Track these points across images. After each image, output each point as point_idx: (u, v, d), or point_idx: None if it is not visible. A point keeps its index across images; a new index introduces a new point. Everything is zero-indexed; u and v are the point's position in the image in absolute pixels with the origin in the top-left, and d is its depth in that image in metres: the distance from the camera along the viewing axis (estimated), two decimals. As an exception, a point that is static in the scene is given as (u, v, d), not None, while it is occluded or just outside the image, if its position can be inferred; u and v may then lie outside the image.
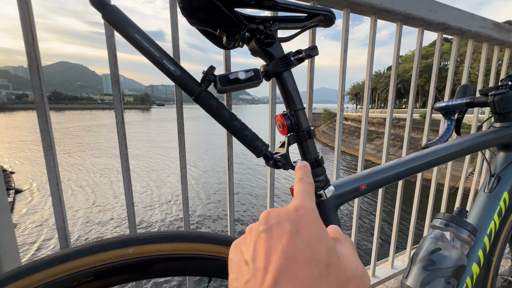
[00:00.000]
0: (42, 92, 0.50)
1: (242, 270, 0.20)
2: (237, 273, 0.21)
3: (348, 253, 0.22)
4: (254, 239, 0.21)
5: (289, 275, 0.17)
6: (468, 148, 0.68)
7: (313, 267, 0.18)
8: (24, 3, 0.46)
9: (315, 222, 0.21)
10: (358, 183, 0.52)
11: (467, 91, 0.87)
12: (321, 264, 0.19)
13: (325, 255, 0.19)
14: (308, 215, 0.21)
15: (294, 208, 0.22)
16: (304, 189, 0.26)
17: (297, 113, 0.45)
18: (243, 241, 0.22)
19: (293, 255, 0.18)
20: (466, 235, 0.60)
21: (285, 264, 0.18)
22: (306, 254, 0.19)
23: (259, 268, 0.19)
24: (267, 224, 0.21)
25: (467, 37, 1.10)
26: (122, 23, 0.37)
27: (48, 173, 0.52)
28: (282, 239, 0.19)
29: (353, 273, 0.20)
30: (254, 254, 0.20)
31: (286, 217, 0.21)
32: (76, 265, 0.33)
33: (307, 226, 0.20)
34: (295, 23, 0.46)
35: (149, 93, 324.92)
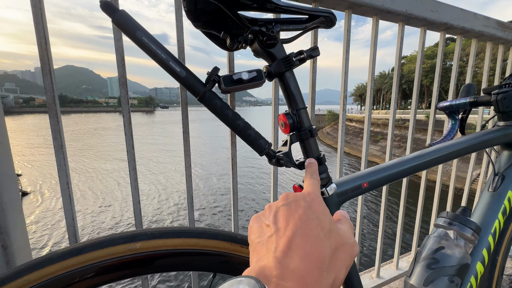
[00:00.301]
0: (54, 94, 0.52)
1: (264, 230, 0.27)
2: (259, 233, 0.27)
3: (345, 228, 0.29)
4: (274, 210, 0.28)
5: (303, 232, 0.25)
6: (471, 146, 0.68)
7: (320, 230, 0.26)
8: (38, 9, 0.49)
9: (322, 203, 0.30)
10: (360, 181, 0.53)
11: (471, 90, 0.87)
12: (326, 229, 0.26)
13: (328, 224, 0.27)
14: (317, 199, 0.30)
15: (307, 193, 0.31)
16: (313, 183, 0.36)
17: (299, 112, 0.46)
18: (262, 214, 0.30)
19: (306, 221, 0.26)
20: (469, 233, 0.60)
21: (300, 225, 0.25)
22: (315, 221, 0.26)
23: (280, 227, 0.26)
24: (286, 200, 0.29)
25: (470, 36, 1.10)
26: (131, 27, 0.38)
27: (59, 172, 0.54)
28: (298, 210, 0.27)
29: (347, 240, 0.27)
30: (275, 219, 0.27)
31: (302, 197, 0.29)
32: (87, 258, 0.35)
33: (317, 205, 0.29)
34: (296, 24, 0.48)
35: (153, 95, 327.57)
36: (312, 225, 0.25)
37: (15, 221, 0.52)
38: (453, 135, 0.86)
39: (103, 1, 0.38)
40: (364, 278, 1.20)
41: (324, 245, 0.24)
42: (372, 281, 1.18)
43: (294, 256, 0.22)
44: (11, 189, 0.51)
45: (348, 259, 0.26)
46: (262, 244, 0.25)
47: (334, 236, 0.26)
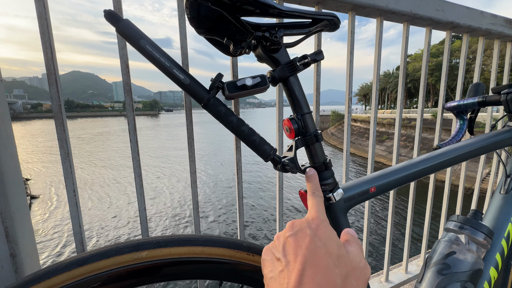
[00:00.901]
0: (60, 103, 0.52)
1: (275, 264, 0.27)
2: (271, 267, 0.27)
3: (354, 250, 0.29)
4: (282, 242, 0.28)
5: (312, 263, 0.25)
6: (482, 148, 0.66)
7: (328, 258, 0.25)
8: (43, 20, 0.49)
9: (327, 228, 0.29)
10: (367, 186, 0.52)
11: (479, 89, 0.85)
12: (334, 256, 0.26)
13: (336, 250, 0.27)
14: (322, 224, 0.29)
15: (312, 219, 0.30)
16: (317, 203, 0.35)
17: (304, 117, 0.46)
18: (273, 246, 0.30)
19: (314, 250, 0.26)
20: (482, 238, 0.58)
21: (309, 256, 0.25)
22: (323, 249, 0.26)
23: (289, 260, 0.26)
24: (292, 230, 0.29)
25: (477, 34, 1.08)
26: (134, 36, 0.39)
27: (65, 180, 0.55)
28: (305, 239, 0.27)
29: (358, 264, 0.27)
30: (284, 252, 0.27)
31: (307, 225, 0.29)
32: (93, 268, 0.35)
33: (322, 231, 0.28)
34: (300, 29, 0.47)
35: (158, 99, 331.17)
36: (320, 254, 0.25)
37: (23, 229, 0.53)
38: (462, 136, 0.84)
39: (107, 10, 0.39)
40: (372, 282, 1.18)
41: (334, 274, 0.24)
42: (381, 285, 1.16)
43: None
44: (19, 197, 0.52)
45: (360, 284, 0.26)
46: (275, 280, 0.26)
47: (343, 262, 0.26)
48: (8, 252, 0.49)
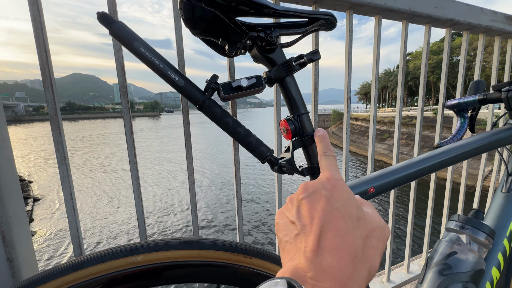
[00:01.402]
0: (55, 106, 0.52)
1: (290, 228, 0.26)
2: (286, 231, 0.26)
3: (371, 212, 0.27)
4: (296, 205, 0.27)
5: (330, 226, 0.23)
6: (483, 146, 0.66)
7: (348, 219, 0.24)
8: (38, 23, 0.49)
9: (344, 188, 0.27)
10: (366, 186, 0.51)
11: (480, 87, 0.84)
12: (354, 217, 0.24)
13: (355, 211, 0.25)
14: (339, 183, 0.27)
15: (326, 179, 0.27)
16: (330, 162, 0.32)
17: (301, 117, 0.45)
18: (285, 209, 0.28)
19: (331, 212, 0.24)
20: (483, 237, 0.57)
21: (326, 219, 0.23)
22: (341, 211, 0.24)
23: (305, 223, 0.24)
24: (306, 192, 0.27)
25: (477, 31, 1.07)
26: (128, 38, 0.38)
27: (62, 183, 0.54)
28: (320, 201, 0.25)
29: (377, 224, 0.26)
30: (298, 215, 0.25)
31: (322, 186, 0.26)
32: (89, 272, 0.34)
33: (339, 192, 0.26)
34: (296, 28, 0.47)
35: (158, 100, 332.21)
36: (338, 216, 0.24)
37: (20, 234, 0.53)
38: (463, 134, 0.83)
39: (100, 12, 0.38)
40: (374, 282, 1.17)
41: (355, 235, 0.23)
42: (382, 285, 1.15)
43: (325, 254, 0.21)
44: (16, 201, 0.52)
45: (380, 245, 0.25)
46: (291, 244, 0.24)
47: (363, 223, 0.25)
48: (5, 257, 0.49)
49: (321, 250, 0.22)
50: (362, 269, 0.22)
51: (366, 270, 0.22)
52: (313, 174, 0.48)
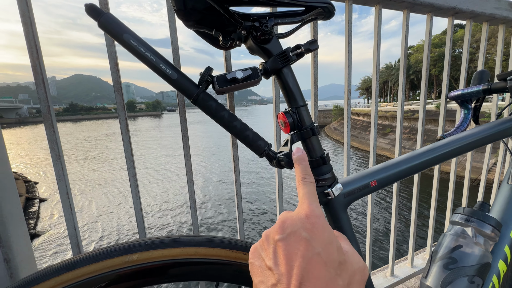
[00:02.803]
0: (48, 104, 0.51)
1: (267, 274, 0.23)
2: (262, 277, 0.23)
3: (349, 249, 0.25)
4: (272, 246, 0.24)
5: (311, 276, 0.21)
6: (488, 137, 0.64)
7: (329, 266, 0.22)
8: (27, 18, 0.48)
9: (325, 227, 0.24)
10: (368, 180, 0.50)
11: (484, 77, 0.82)
12: (335, 263, 0.22)
13: (337, 256, 0.23)
14: (319, 222, 0.24)
15: (306, 216, 0.25)
16: (309, 192, 0.28)
17: (299, 110, 0.44)
18: (261, 247, 0.26)
19: (311, 258, 0.22)
20: (489, 230, 0.56)
21: (306, 267, 0.21)
22: (322, 256, 0.22)
23: (283, 273, 0.22)
24: (283, 233, 0.24)
25: (480, 20, 1.04)
26: (117, 30, 0.37)
27: (58, 182, 0.54)
28: (300, 245, 0.22)
29: (357, 266, 0.24)
30: (275, 260, 0.23)
31: (301, 225, 0.24)
32: (83, 272, 0.33)
33: (319, 232, 0.23)
34: (292, 17, 0.45)
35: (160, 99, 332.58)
36: (319, 264, 0.22)
37: (17, 234, 0.52)
38: (467, 126, 0.81)
39: (88, 4, 0.37)
40: (377, 277, 1.16)
41: (337, 285, 0.21)
42: (386, 280, 1.14)
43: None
44: (12, 202, 0.51)
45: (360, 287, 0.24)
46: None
47: (345, 268, 0.23)
48: (2, 257, 0.48)
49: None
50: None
51: None
52: (312, 168, 0.46)
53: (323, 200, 0.47)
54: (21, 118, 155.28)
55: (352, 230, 0.49)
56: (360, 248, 0.51)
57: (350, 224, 0.49)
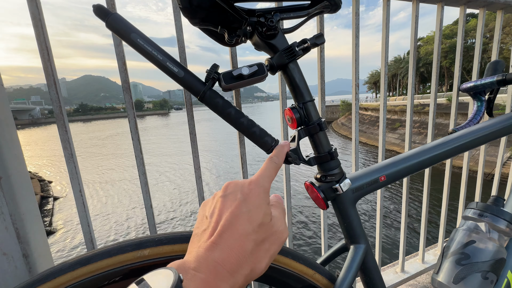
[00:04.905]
0: (60, 104, 0.52)
1: (203, 222, 0.29)
2: (200, 224, 0.29)
3: (277, 215, 0.31)
4: (214, 201, 0.29)
5: (231, 227, 0.26)
6: (502, 130, 0.62)
7: (249, 224, 0.27)
8: (38, 21, 0.49)
9: (259, 195, 0.29)
10: (377, 175, 0.49)
11: (499, 67, 0.79)
12: (255, 223, 0.27)
13: (261, 218, 0.28)
14: (256, 190, 0.29)
15: (248, 183, 0.30)
16: (266, 168, 0.33)
17: (306, 105, 0.44)
18: (208, 202, 0.31)
19: (237, 216, 0.27)
20: (504, 225, 0.54)
21: (231, 220, 0.26)
22: (247, 215, 0.27)
23: (213, 221, 0.27)
24: (225, 192, 0.29)
25: (494, 8, 1.00)
26: (124, 30, 0.37)
27: (71, 180, 0.55)
28: (233, 204, 0.28)
29: (276, 229, 0.29)
30: (212, 212, 0.28)
31: (240, 189, 0.29)
32: (97, 267, 0.34)
33: (253, 197, 0.29)
34: (298, 11, 0.45)
35: (167, 98, 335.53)
36: (241, 220, 0.26)
37: (34, 230, 0.54)
38: (480, 118, 0.78)
39: (95, 5, 0.38)
40: (387, 273, 1.15)
41: (249, 239, 0.26)
42: (396, 276, 1.13)
43: (216, 250, 0.24)
44: (28, 199, 0.53)
45: (273, 248, 0.29)
46: (197, 237, 0.27)
47: (263, 229, 0.28)
48: (21, 253, 0.50)
49: (214, 246, 0.24)
50: (246, 267, 0.25)
51: (249, 269, 0.26)
52: (320, 163, 0.46)
53: (331, 195, 0.46)
54: (34, 119, 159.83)
55: (361, 226, 0.49)
56: (370, 244, 0.51)
57: (359, 219, 0.49)
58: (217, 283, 0.23)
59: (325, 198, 0.46)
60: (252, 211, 0.27)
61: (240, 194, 0.28)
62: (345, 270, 0.46)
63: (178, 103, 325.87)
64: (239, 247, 0.25)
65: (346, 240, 0.51)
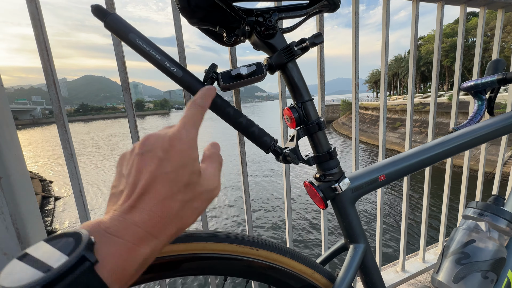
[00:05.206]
0: (60, 104, 0.53)
1: (121, 181, 0.25)
2: (117, 182, 0.26)
3: (210, 172, 0.27)
4: (132, 158, 0.25)
5: (152, 189, 0.23)
6: (502, 128, 0.62)
7: (173, 185, 0.23)
8: (37, 21, 0.49)
9: (184, 151, 0.25)
10: (376, 174, 0.49)
11: (499, 66, 0.79)
12: (181, 183, 0.24)
13: (187, 178, 0.24)
14: (180, 145, 0.25)
15: (169, 138, 0.25)
16: (190, 114, 0.28)
17: (305, 104, 0.44)
18: (125, 156, 0.27)
19: (158, 176, 0.23)
20: (504, 224, 0.54)
21: (151, 182, 0.23)
22: (170, 176, 0.23)
23: (130, 183, 0.24)
24: (143, 148, 0.25)
25: (495, 7, 1.00)
26: (123, 30, 0.37)
27: (71, 180, 0.55)
28: (152, 163, 0.24)
29: (207, 187, 0.26)
30: (130, 171, 0.25)
31: (160, 145, 0.25)
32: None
33: (176, 155, 0.24)
34: (296, 11, 0.45)
35: (168, 98, 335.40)
36: (164, 181, 0.23)
37: (34, 231, 0.54)
38: (480, 117, 0.78)
39: (94, 5, 0.38)
40: (388, 272, 1.15)
41: (174, 200, 0.23)
42: (397, 275, 1.13)
43: (135, 213, 0.22)
44: (28, 199, 0.53)
45: (202, 206, 0.26)
46: (115, 197, 0.24)
47: (191, 189, 0.25)
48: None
49: (133, 209, 0.22)
50: (171, 227, 0.23)
51: (176, 228, 0.24)
52: (319, 163, 0.46)
53: (330, 195, 0.46)
54: (35, 119, 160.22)
55: (360, 225, 0.49)
56: (370, 245, 0.50)
57: (358, 219, 0.49)
58: (136, 247, 0.20)
59: (324, 197, 0.46)
60: (176, 171, 0.24)
61: (160, 152, 0.24)
62: (345, 269, 0.46)
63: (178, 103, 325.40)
64: (162, 209, 0.23)
65: (345, 240, 0.51)
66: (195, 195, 0.25)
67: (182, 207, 0.24)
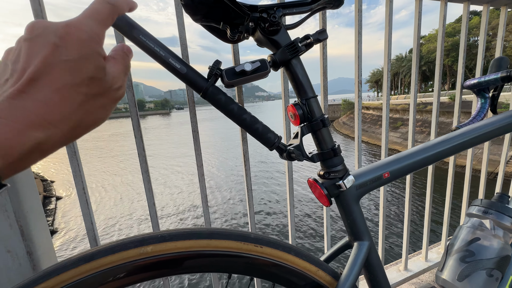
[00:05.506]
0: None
1: (5, 70, 0.22)
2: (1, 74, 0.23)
3: (114, 71, 0.25)
4: (19, 45, 0.22)
5: (47, 76, 0.20)
6: (505, 126, 0.61)
7: (75, 76, 0.21)
8: (40, 18, 0.49)
9: (85, 42, 0.22)
10: (381, 171, 0.49)
11: (503, 64, 0.79)
12: (85, 75, 0.22)
13: (91, 71, 0.22)
14: (79, 34, 0.22)
15: (65, 25, 0.22)
16: (94, 8, 0.24)
17: (309, 101, 0.43)
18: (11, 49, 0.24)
19: (55, 64, 0.21)
20: (509, 222, 0.54)
21: (44, 69, 0.20)
22: (70, 65, 0.21)
23: (17, 69, 0.21)
24: (31, 34, 0.22)
25: (498, 4, 0.99)
26: (127, 26, 0.37)
27: (74, 178, 0.55)
28: (44, 49, 0.21)
29: (112, 85, 0.25)
30: (16, 58, 0.22)
31: (53, 30, 0.22)
32: (100, 264, 0.34)
33: (76, 44, 0.22)
34: (300, 7, 0.44)
35: (168, 98, 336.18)
36: (60, 70, 0.21)
37: (38, 228, 0.54)
38: (483, 116, 0.78)
39: None
40: (391, 271, 1.15)
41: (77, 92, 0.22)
42: (399, 274, 1.12)
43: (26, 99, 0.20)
44: (31, 197, 0.53)
45: (109, 103, 0.25)
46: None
47: (96, 83, 0.23)
48: (25, 250, 0.51)
49: (22, 94, 0.20)
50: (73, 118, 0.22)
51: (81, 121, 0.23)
52: (323, 160, 0.46)
53: (334, 192, 0.46)
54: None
55: (364, 223, 0.49)
56: (374, 241, 0.50)
57: (362, 216, 0.49)
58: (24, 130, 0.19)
59: (328, 194, 0.46)
60: (77, 61, 0.22)
61: (54, 37, 0.21)
62: (349, 267, 0.45)
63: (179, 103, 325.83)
64: (61, 98, 0.21)
65: (349, 237, 0.51)
66: (101, 91, 0.24)
67: (87, 100, 0.23)
